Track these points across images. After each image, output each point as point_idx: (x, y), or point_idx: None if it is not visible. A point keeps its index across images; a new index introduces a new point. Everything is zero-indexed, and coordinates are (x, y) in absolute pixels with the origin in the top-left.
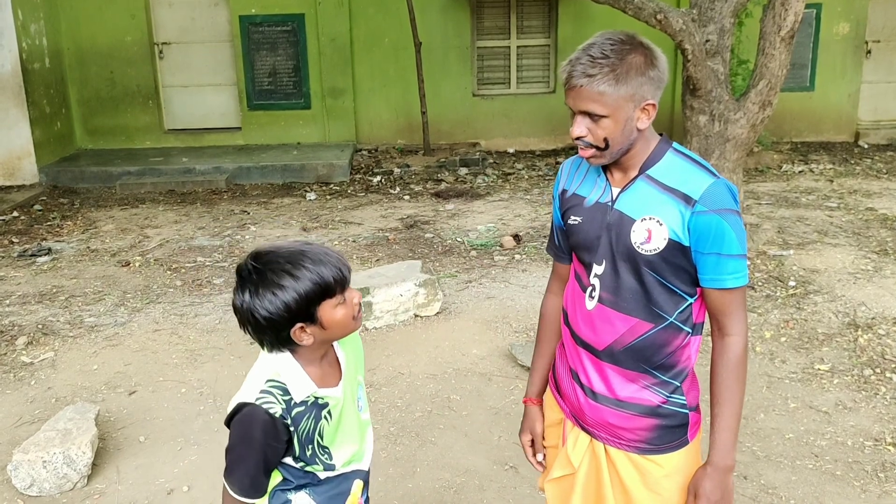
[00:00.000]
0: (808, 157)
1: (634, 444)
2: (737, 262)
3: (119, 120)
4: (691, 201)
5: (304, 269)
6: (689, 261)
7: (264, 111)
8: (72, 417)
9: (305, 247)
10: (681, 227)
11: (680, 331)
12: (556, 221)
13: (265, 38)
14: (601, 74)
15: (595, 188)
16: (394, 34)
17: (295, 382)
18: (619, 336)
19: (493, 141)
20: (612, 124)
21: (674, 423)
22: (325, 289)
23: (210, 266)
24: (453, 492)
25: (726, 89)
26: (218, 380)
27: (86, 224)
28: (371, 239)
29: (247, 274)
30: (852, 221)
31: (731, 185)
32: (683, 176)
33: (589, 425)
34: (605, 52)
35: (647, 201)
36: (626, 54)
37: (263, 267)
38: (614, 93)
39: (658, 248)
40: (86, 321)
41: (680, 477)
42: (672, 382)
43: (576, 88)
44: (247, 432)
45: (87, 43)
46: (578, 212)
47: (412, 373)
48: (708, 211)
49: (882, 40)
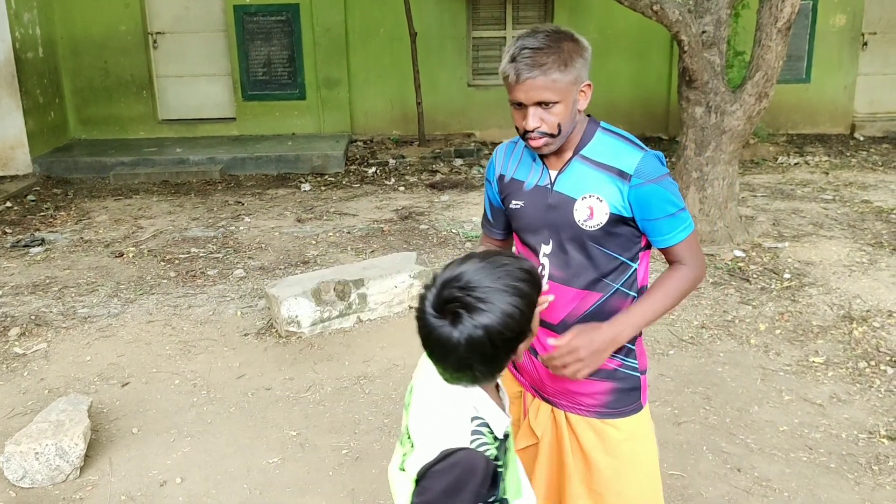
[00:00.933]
0: (804, 149)
1: (594, 409)
2: (679, 216)
3: (113, 110)
4: (626, 176)
5: (518, 281)
6: (630, 229)
7: (259, 102)
8: (64, 409)
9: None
10: (620, 201)
11: (626, 296)
12: (495, 202)
13: (260, 27)
14: (550, 63)
15: (532, 172)
16: (389, 24)
17: (494, 417)
18: (571, 309)
19: (489, 132)
20: (563, 109)
21: (628, 387)
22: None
23: (204, 257)
24: None
25: (722, 81)
26: (211, 371)
27: (79, 214)
28: (366, 230)
29: (461, 303)
30: (847, 214)
31: (658, 153)
32: (615, 152)
33: (549, 395)
34: (545, 43)
35: (584, 180)
36: (561, 41)
37: (480, 288)
38: (564, 78)
39: (601, 222)
40: (79, 312)
41: (635, 442)
42: (625, 345)
43: (528, 81)
44: (461, 483)
45: (80, 32)
46: (519, 196)
47: (407, 364)
48: (644, 182)
49: (878, 32)
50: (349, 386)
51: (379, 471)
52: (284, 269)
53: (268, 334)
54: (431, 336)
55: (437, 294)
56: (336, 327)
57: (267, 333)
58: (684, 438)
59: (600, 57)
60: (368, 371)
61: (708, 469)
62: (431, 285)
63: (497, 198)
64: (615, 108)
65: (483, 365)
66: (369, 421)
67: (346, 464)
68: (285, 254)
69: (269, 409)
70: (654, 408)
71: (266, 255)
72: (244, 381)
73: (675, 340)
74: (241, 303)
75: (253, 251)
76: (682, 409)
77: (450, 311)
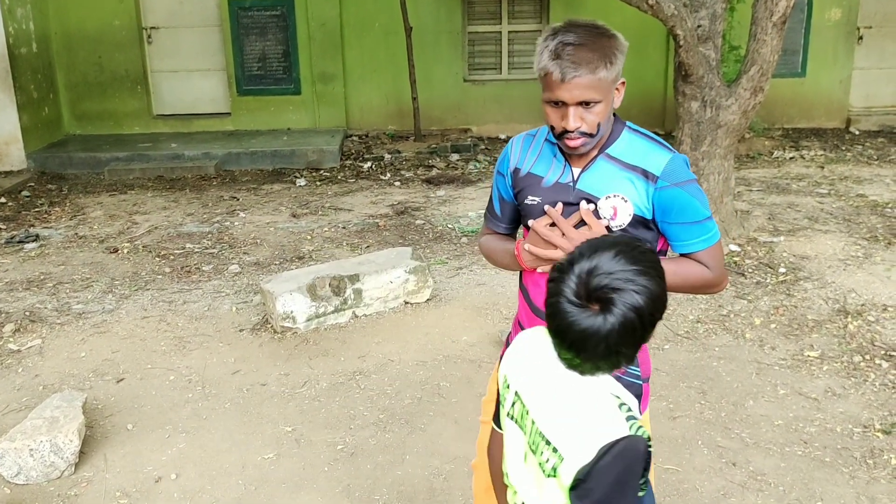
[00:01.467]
0: (800, 143)
1: None
2: (704, 225)
3: (107, 105)
4: (653, 177)
5: (654, 262)
6: (651, 232)
7: (254, 97)
8: (59, 405)
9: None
10: (644, 203)
11: None
12: (506, 196)
13: (254, 22)
14: (597, 60)
15: (553, 168)
16: (384, 19)
17: (631, 399)
18: None
19: (485, 127)
20: (603, 108)
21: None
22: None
23: (199, 252)
24: (443, 479)
25: (718, 75)
26: (206, 367)
27: (74, 210)
28: (361, 225)
29: (611, 289)
30: (843, 208)
31: (685, 157)
32: (642, 153)
33: None
34: (588, 39)
35: (609, 179)
36: (602, 37)
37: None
38: (608, 76)
39: (624, 223)
40: (73, 308)
41: None
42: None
43: (575, 80)
44: (629, 472)
45: (74, 27)
46: (536, 192)
47: (402, 360)
48: (670, 185)
49: (874, 26)
50: (344, 381)
51: (374, 466)
52: (279, 264)
53: (263, 330)
54: (574, 328)
55: (581, 286)
56: (331, 323)
57: (262, 329)
58: (679, 433)
59: None
60: (364, 366)
61: (703, 463)
62: (565, 280)
63: (510, 192)
64: None
65: (631, 348)
66: (364, 416)
67: (342, 459)
68: (280, 249)
69: (264, 405)
70: (650, 403)
71: (261, 250)
72: (239, 376)
73: (671, 335)
74: (236, 298)
75: (248, 246)
76: (677, 404)
77: (599, 299)
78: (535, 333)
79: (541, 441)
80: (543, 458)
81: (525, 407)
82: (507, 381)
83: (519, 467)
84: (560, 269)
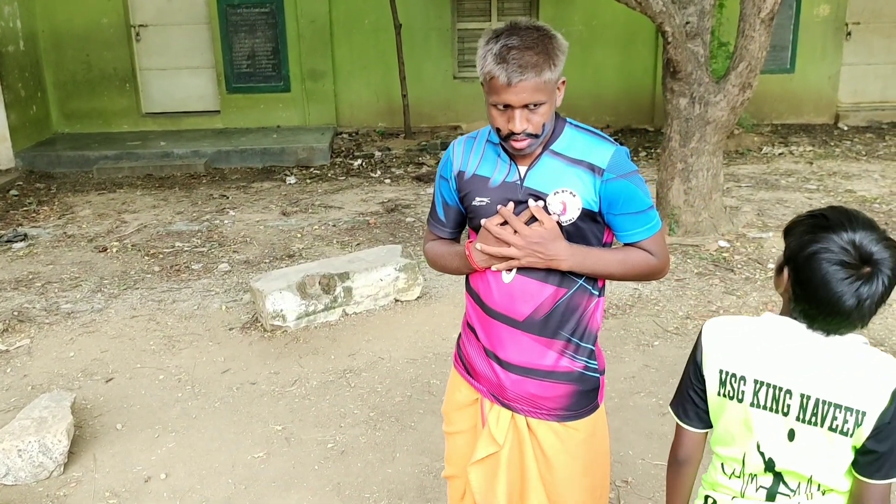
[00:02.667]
0: (788, 139)
1: (554, 413)
2: (648, 214)
3: (96, 103)
4: (599, 170)
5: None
6: (597, 224)
7: (243, 94)
8: (47, 405)
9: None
10: (592, 196)
11: (590, 293)
12: (450, 200)
13: (243, 19)
14: (542, 63)
15: (498, 168)
16: (374, 16)
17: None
18: (538, 305)
19: (475, 124)
20: (548, 109)
21: (588, 388)
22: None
23: (188, 251)
24: (433, 476)
25: (706, 72)
26: (196, 366)
27: (62, 209)
28: (351, 223)
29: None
30: (831, 203)
31: (626, 149)
32: (586, 147)
33: (510, 399)
34: (532, 41)
35: (555, 175)
36: (545, 39)
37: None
38: (552, 77)
39: (573, 217)
40: (62, 308)
41: (594, 440)
42: (587, 346)
43: (521, 83)
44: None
45: (62, 25)
46: (483, 192)
47: (392, 357)
48: (616, 177)
49: (862, 22)
50: (334, 380)
51: (364, 464)
52: (269, 262)
53: (253, 328)
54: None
55: (855, 252)
56: (321, 321)
57: (252, 328)
58: (669, 429)
59: (586, 49)
60: (354, 365)
61: None
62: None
63: (454, 196)
64: (601, 100)
65: (881, 305)
66: (355, 415)
67: (332, 458)
68: (270, 247)
69: (254, 404)
70: (639, 399)
71: (251, 248)
72: (229, 375)
73: (660, 331)
74: (225, 297)
75: (238, 245)
76: (666, 400)
77: (870, 263)
78: (733, 325)
79: (827, 408)
80: (837, 422)
81: (781, 388)
82: (730, 375)
83: (784, 448)
84: (815, 240)
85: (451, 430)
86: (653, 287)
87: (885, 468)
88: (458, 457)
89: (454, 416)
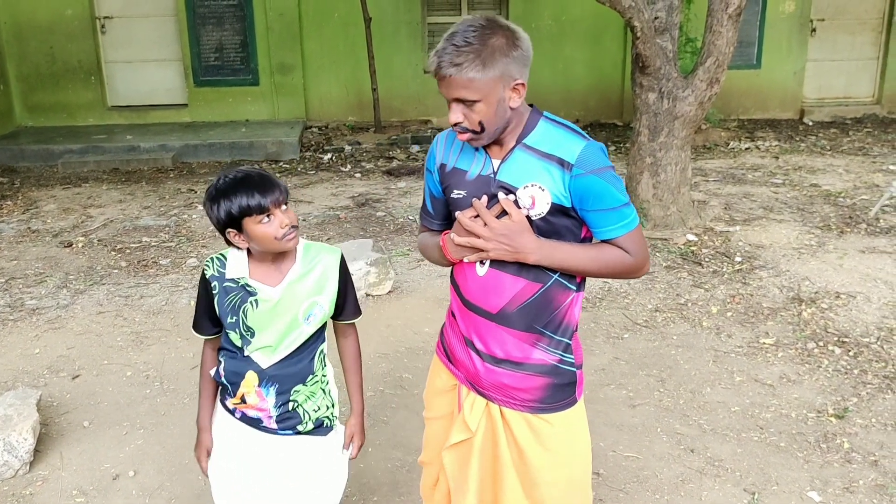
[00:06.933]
0: (755, 134)
1: (528, 404)
2: (622, 211)
3: (60, 96)
4: (568, 165)
5: (234, 192)
6: (572, 220)
7: (211, 87)
8: (12, 403)
9: (249, 172)
10: (561, 191)
11: (566, 288)
12: (436, 192)
13: (211, 12)
14: (467, 62)
15: (475, 162)
16: (343, 9)
17: (232, 263)
18: (510, 298)
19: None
20: (485, 107)
21: (564, 382)
22: (244, 209)
23: (156, 246)
24: (406, 470)
25: (675, 67)
26: (164, 362)
27: (26, 204)
28: (322, 217)
29: (213, 189)
30: (797, 198)
31: (600, 145)
32: (557, 142)
33: (485, 388)
34: (468, 39)
35: (526, 169)
36: (487, 38)
37: (220, 184)
38: (482, 77)
39: (542, 212)
40: (27, 304)
41: (569, 434)
42: (563, 340)
43: (446, 78)
44: (199, 282)
45: (25, 17)
46: (461, 185)
47: (364, 352)
48: (585, 173)
49: (826, 19)
50: None
51: None
52: None
53: None
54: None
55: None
56: None
57: None
58: (639, 421)
59: (555, 44)
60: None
61: (662, 450)
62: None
63: (438, 188)
64: (571, 95)
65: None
66: None
67: None
68: None
69: None
70: (609, 391)
71: (220, 243)
72: (198, 371)
73: (630, 324)
74: (194, 292)
75: (206, 240)
76: (636, 392)
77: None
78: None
79: None
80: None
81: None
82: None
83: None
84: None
85: (429, 416)
86: (622, 280)
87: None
88: (435, 443)
89: (433, 402)
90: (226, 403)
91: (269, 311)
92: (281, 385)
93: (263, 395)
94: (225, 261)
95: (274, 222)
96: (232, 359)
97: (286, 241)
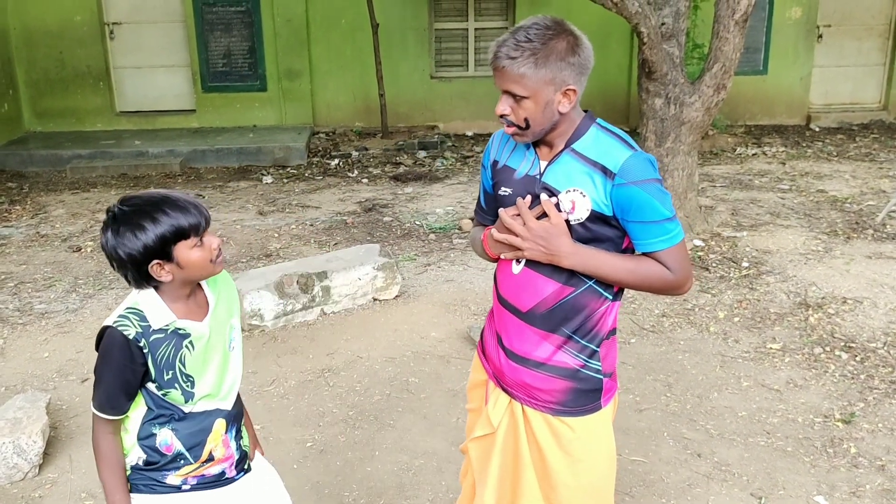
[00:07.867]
0: (762, 139)
1: (549, 405)
2: (664, 226)
3: (69, 102)
4: (611, 174)
5: (162, 213)
6: (612, 229)
7: (219, 93)
8: (21, 406)
9: (168, 193)
10: (602, 199)
11: (600, 295)
12: (488, 188)
13: (219, 18)
14: (522, 58)
15: (524, 161)
16: (351, 15)
17: (153, 311)
18: (542, 298)
19: (452, 124)
20: (532, 105)
21: (588, 388)
22: (179, 231)
23: None
24: (412, 474)
25: (681, 72)
26: None
27: (35, 209)
28: (329, 223)
29: (112, 216)
30: (804, 203)
31: (649, 157)
32: (604, 149)
33: (508, 385)
34: (530, 36)
35: (571, 174)
36: (549, 39)
37: (128, 209)
38: (534, 75)
39: (581, 217)
40: (36, 308)
41: (591, 441)
42: (589, 346)
43: (500, 69)
44: (106, 353)
45: (34, 22)
46: (509, 183)
47: (371, 357)
48: (627, 183)
49: (833, 24)
50: (313, 379)
51: (343, 463)
52: (247, 262)
53: None
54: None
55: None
56: (299, 320)
57: None
58: (646, 425)
59: None
60: (332, 364)
61: (669, 455)
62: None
63: (490, 183)
64: None
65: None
66: (333, 413)
67: (311, 457)
68: (247, 247)
69: None
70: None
71: (228, 248)
72: None
73: (637, 329)
74: None
75: None
76: (643, 397)
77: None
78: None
79: None
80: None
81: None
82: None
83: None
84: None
85: (469, 407)
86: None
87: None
88: (471, 433)
89: (471, 394)
90: (164, 481)
91: (202, 350)
92: (237, 423)
93: (229, 441)
94: (142, 312)
95: (206, 245)
96: (182, 420)
97: (219, 265)
